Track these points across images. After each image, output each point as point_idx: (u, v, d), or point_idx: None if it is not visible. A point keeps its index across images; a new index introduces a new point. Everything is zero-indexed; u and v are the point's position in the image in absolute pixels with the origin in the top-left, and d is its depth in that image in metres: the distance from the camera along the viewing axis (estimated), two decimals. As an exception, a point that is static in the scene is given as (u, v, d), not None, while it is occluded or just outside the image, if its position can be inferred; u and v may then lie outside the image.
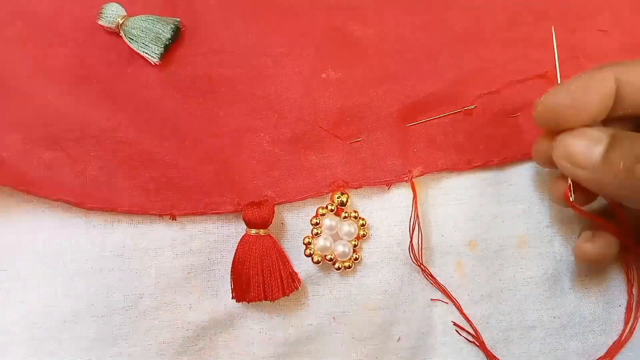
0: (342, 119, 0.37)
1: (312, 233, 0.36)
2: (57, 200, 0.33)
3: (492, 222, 0.38)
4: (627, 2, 0.40)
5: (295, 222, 0.37)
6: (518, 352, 0.37)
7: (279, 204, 0.36)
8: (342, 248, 0.36)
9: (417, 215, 0.36)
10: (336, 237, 0.37)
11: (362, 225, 0.37)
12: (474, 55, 0.38)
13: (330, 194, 0.36)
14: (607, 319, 0.37)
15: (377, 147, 0.37)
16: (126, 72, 0.37)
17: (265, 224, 0.35)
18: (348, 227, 0.36)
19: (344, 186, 0.36)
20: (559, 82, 0.33)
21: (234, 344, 0.36)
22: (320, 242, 0.36)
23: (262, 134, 0.36)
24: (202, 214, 0.35)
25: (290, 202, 0.36)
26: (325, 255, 0.36)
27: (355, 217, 0.37)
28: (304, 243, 0.36)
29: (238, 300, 0.35)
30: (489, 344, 0.37)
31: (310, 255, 0.36)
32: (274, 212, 0.35)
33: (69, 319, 0.34)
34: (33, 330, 0.34)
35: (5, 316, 0.34)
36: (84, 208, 0.34)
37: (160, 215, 0.35)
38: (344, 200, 0.36)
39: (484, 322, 0.37)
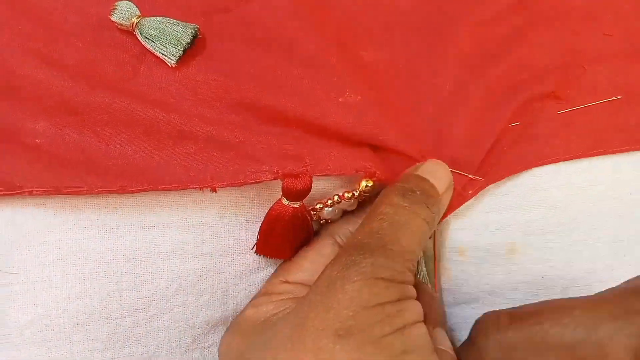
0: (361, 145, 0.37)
1: (323, 203, 0.37)
2: (97, 194, 0.33)
3: (482, 229, 0.39)
4: (630, 5, 0.40)
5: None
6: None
7: (316, 175, 0.35)
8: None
9: None
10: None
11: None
12: (482, 74, 0.39)
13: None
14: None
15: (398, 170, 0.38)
16: (139, 71, 0.36)
17: (301, 198, 0.35)
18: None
19: (375, 175, 0.36)
20: None
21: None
22: (326, 210, 0.37)
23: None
24: (242, 184, 0.34)
25: (328, 175, 0.35)
26: (321, 218, 0.37)
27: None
28: (313, 208, 0.37)
29: (257, 252, 0.37)
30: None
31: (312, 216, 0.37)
32: (310, 185, 0.34)
33: (81, 321, 0.34)
34: (45, 332, 0.33)
35: (17, 318, 0.33)
36: (124, 193, 0.33)
37: (201, 189, 0.34)
38: (370, 185, 0.36)
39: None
